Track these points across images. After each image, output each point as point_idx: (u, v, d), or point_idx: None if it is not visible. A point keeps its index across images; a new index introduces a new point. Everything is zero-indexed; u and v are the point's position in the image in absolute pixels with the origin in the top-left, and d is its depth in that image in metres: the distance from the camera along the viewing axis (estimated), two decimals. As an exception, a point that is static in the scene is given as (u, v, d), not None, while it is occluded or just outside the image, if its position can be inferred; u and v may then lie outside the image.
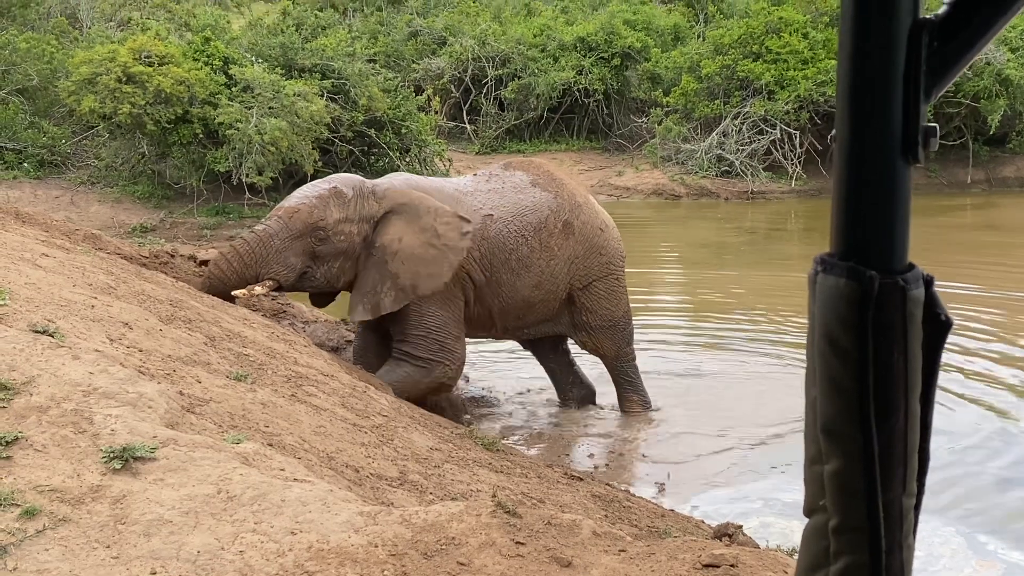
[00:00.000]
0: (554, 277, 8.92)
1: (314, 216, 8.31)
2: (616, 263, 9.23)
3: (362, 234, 8.44)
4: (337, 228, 8.35)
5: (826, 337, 1.00)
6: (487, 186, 9.00)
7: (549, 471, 6.85)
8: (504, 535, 4.00)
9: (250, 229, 8.74)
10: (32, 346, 4.65)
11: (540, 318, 9.11)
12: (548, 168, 9.38)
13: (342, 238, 8.37)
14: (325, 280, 8.51)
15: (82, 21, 26.59)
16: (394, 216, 8.48)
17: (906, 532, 1.04)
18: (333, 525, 3.92)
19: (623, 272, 9.33)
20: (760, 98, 23.85)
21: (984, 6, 1.00)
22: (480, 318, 8.88)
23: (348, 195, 8.45)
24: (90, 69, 18.51)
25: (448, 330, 8.59)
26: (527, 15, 30.62)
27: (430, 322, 8.54)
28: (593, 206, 9.28)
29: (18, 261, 6.05)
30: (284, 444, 4.93)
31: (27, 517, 3.69)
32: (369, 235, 8.46)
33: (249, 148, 18.12)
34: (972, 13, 1.00)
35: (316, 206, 8.35)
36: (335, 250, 8.39)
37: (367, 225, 8.45)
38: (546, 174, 9.19)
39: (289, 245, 8.28)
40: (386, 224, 8.46)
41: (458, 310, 8.67)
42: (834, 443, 1.01)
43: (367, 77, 20.57)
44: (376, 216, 8.47)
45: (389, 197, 8.55)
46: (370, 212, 8.47)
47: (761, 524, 7.03)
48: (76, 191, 19.67)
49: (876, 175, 1.00)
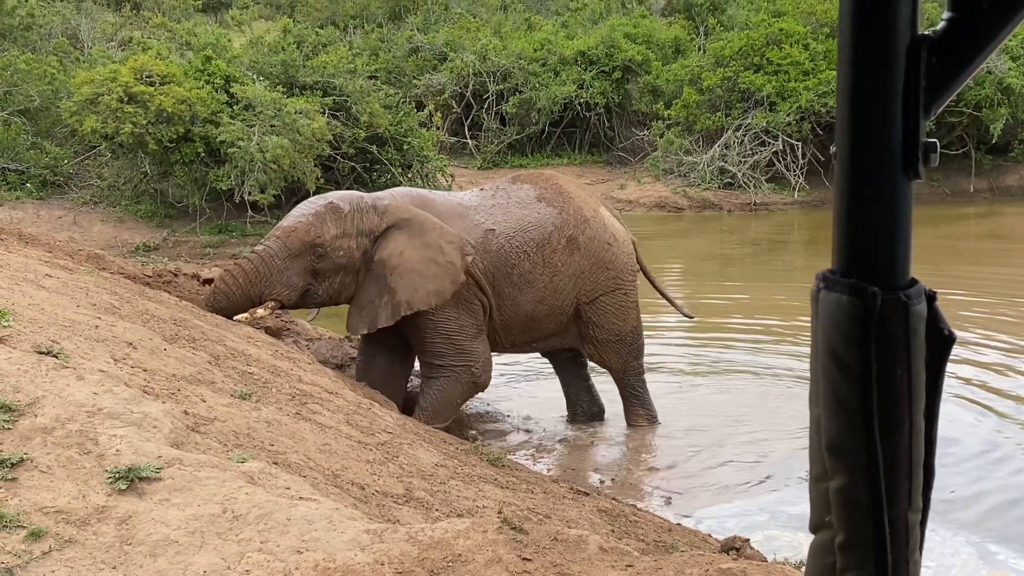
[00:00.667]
0: (558, 293, 8.88)
1: (311, 234, 8.33)
2: (625, 277, 9.15)
3: (361, 248, 8.44)
4: (335, 244, 8.36)
5: (829, 354, 1.00)
6: (492, 200, 8.98)
7: (555, 486, 6.84)
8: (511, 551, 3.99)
9: (251, 250, 8.75)
10: (36, 367, 4.65)
11: (547, 332, 9.08)
12: (558, 181, 9.30)
13: (341, 253, 8.39)
14: (327, 296, 8.53)
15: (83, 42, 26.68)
16: (396, 231, 8.48)
17: (912, 547, 1.04)
18: (339, 543, 3.91)
19: (633, 286, 9.23)
20: (761, 110, 23.85)
21: (982, 22, 1.00)
22: (488, 332, 8.88)
23: (345, 210, 8.46)
24: (92, 89, 18.55)
25: (466, 331, 8.60)
26: (527, 30, 30.67)
27: (445, 327, 8.56)
28: (602, 220, 9.14)
29: (21, 282, 6.06)
30: (289, 462, 4.92)
31: (33, 539, 3.69)
32: (369, 249, 8.46)
33: (251, 166, 18.14)
34: (971, 29, 1.00)
35: (313, 224, 8.37)
36: (335, 266, 8.40)
37: (367, 239, 8.46)
38: (554, 187, 9.13)
39: (289, 265, 8.30)
40: (387, 239, 8.46)
41: (476, 314, 8.67)
42: (839, 459, 1.01)
43: (368, 94, 20.60)
44: (377, 231, 8.48)
45: (391, 212, 8.55)
46: (370, 226, 8.48)
47: (768, 537, 7.01)
48: (79, 211, 19.70)
49: (876, 191, 1.00)
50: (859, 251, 1.01)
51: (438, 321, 8.53)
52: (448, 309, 8.52)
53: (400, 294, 8.35)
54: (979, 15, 1.00)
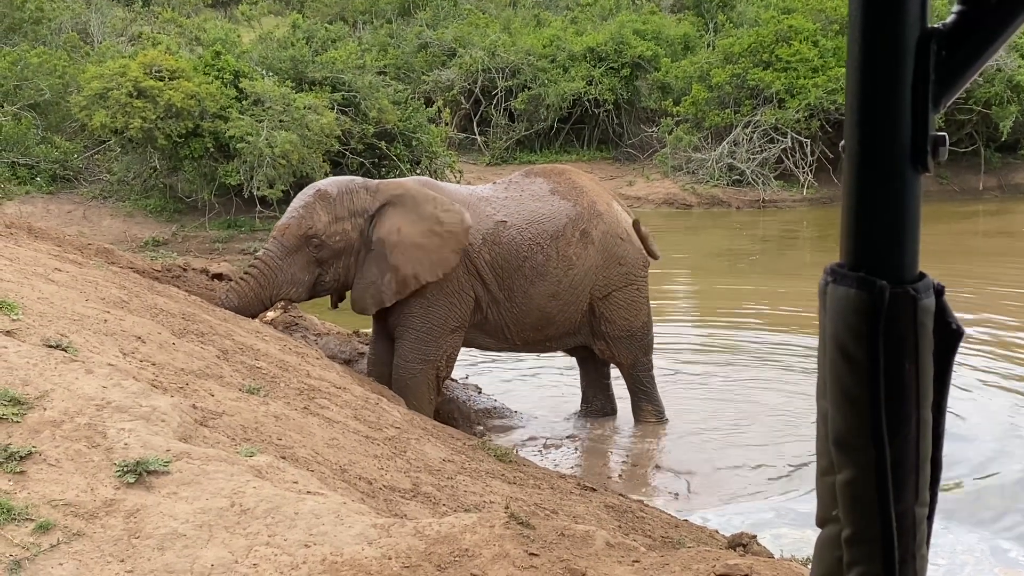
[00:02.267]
0: (573, 287, 8.81)
1: (303, 226, 8.37)
2: (636, 272, 9.10)
3: (357, 229, 8.45)
4: (330, 230, 8.39)
5: (837, 348, 1.00)
6: (504, 193, 8.96)
7: (562, 482, 6.84)
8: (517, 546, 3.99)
9: (254, 257, 8.78)
10: (45, 360, 4.66)
11: (561, 331, 9.00)
12: (571, 175, 9.25)
13: (338, 238, 8.41)
14: (336, 282, 8.56)
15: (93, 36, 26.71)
16: (390, 208, 8.49)
17: (919, 542, 1.04)
18: (347, 537, 3.92)
19: (644, 282, 9.18)
20: (771, 106, 23.82)
21: (992, 16, 1.00)
22: (497, 328, 8.82)
23: (333, 194, 8.48)
24: (101, 84, 18.60)
25: (448, 324, 8.57)
26: (536, 26, 30.65)
27: (434, 315, 8.52)
28: (615, 214, 9.09)
29: (31, 276, 6.07)
30: (297, 457, 4.93)
31: (41, 531, 3.70)
32: (366, 230, 8.47)
33: (260, 161, 18.17)
34: (980, 22, 1.00)
35: (304, 216, 8.40)
36: (335, 251, 8.43)
37: (361, 219, 8.46)
38: (567, 181, 9.08)
39: (291, 262, 8.36)
40: (382, 216, 8.47)
41: (465, 305, 8.63)
42: (846, 454, 1.01)
43: (377, 89, 20.62)
44: (371, 210, 8.48)
45: (383, 190, 8.59)
46: (362, 206, 8.49)
47: (775, 534, 7.01)
48: (88, 205, 19.74)
49: (885, 185, 1.00)
50: (867, 245, 1.00)
51: (429, 308, 8.50)
52: (442, 298, 8.51)
53: (404, 269, 8.34)
54: (989, 9, 1.00)
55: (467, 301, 8.61)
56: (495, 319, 8.77)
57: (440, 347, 8.55)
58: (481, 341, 9.04)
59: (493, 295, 8.67)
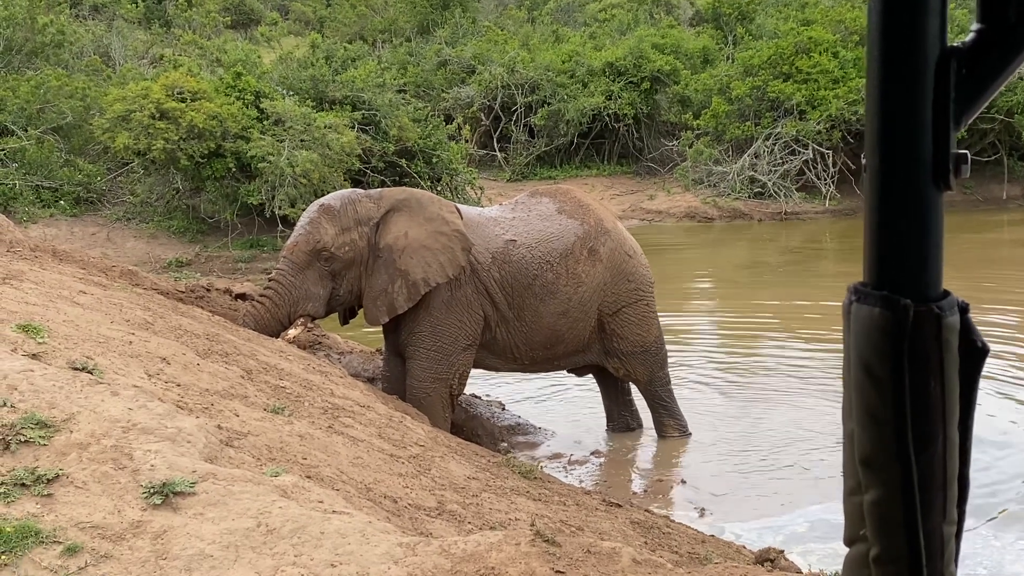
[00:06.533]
0: (583, 305, 8.83)
1: (311, 242, 8.41)
2: (645, 289, 9.13)
3: (364, 238, 8.49)
4: (338, 242, 8.42)
5: (862, 367, 1.00)
6: (512, 213, 9.00)
7: (587, 498, 6.83)
8: (544, 564, 3.98)
9: (268, 278, 8.81)
10: (71, 383, 4.68)
11: (570, 349, 9.00)
12: (576, 195, 9.31)
13: (347, 249, 8.44)
14: (350, 293, 8.59)
15: (115, 59, 26.91)
16: (395, 213, 8.54)
17: (947, 560, 1.04)
18: (373, 557, 3.92)
19: (652, 298, 9.22)
20: (791, 118, 23.79)
21: (1011, 34, 1.00)
22: (506, 347, 8.81)
23: (337, 207, 8.53)
24: (124, 106, 18.73)
25: (459, 343, 8.57)
26: (555, 41, 30.73)
27: (444, 334, 8.51)
28: (621, 232, 9.17)
29: (56, 299, 6.11)
30: (322, 476, 4.94)
31: (69, 554, 3.72)
32: (372, 238, 8.50)
33: (281, 181, 18.25)
34: (1000, 40, 1.00)
35: (310, 232, 8.45)
36: (345, 262, 8.47)
37: (367, 228, 8.50)
38: (573, 201, 9.13)
39: (304, 278, 8.40)
40: (388, 223, 8.52)
41: (476, 324, 8.62)
42: (873, 474, 1.01)
43: (397, 107, 20.70)
44: (375, 217, 8.52)
45: (387, 197, 8.65)
46: (366, 214, 8.52)
47: (803, 550, 6.97)
48: (112, 227, 19.86)
49: (907, 204, 1.00)
50: (890, 264, 1.00)
51: (438, 327, 8.51)
52: (452, 316, 8.52)
53: (414, 273, 8.36)
54: (1008, 27, 1.00)
55: (477, 319, 8.61)
56: (504, 338, 8.76)
57: (452, 365, 8.55)
58: (489, 362, 9.02)
59: (503, 314, 8.68)
